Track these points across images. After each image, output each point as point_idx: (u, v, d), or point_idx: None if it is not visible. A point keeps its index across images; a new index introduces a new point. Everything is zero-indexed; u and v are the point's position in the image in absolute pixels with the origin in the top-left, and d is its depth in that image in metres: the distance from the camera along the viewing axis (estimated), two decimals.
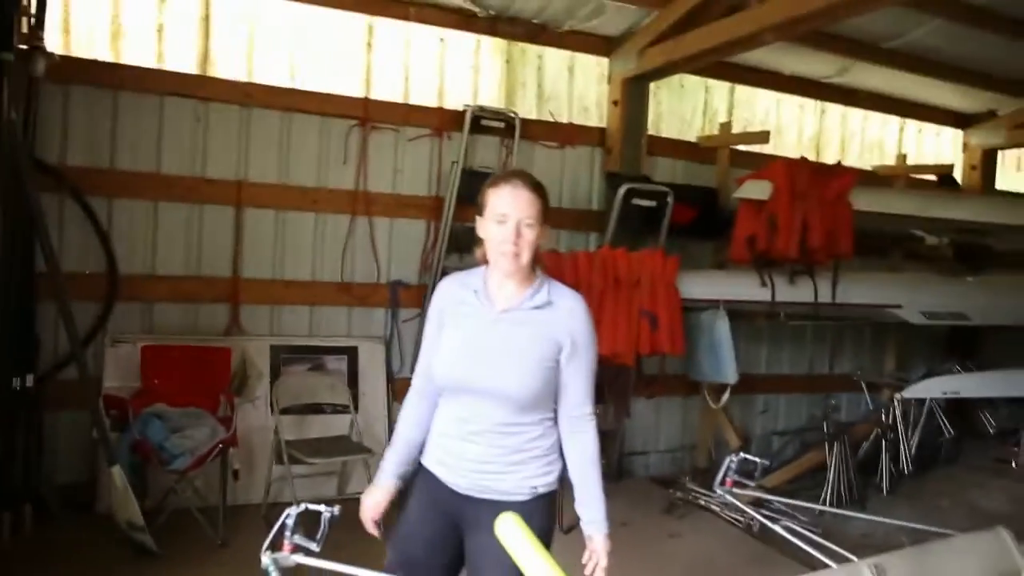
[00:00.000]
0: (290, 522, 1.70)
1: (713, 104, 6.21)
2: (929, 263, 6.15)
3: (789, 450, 5.95)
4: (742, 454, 2.83)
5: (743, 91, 6.30)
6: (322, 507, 1.73)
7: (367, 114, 5.01)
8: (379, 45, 5.13)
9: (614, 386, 5.17)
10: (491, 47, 5.42)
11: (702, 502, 4.91)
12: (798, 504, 4.15)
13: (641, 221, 5.14)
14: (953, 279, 5.82)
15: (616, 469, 5.55)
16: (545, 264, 2.08)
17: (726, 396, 5.08)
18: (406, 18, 5.10)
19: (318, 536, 1.69)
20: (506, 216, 1.94)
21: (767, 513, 3.95)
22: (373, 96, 5.09)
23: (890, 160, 6.93)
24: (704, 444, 5.78)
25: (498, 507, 1.83)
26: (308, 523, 1.81)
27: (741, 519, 4.64)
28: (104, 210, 4.41)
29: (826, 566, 2.32)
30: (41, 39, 3.88)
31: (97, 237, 4.37)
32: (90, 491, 4.25)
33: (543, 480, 2.03)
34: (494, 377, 1.97)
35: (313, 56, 4.95)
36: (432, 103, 5.25)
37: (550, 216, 2.04)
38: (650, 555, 4.22)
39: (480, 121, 5.17)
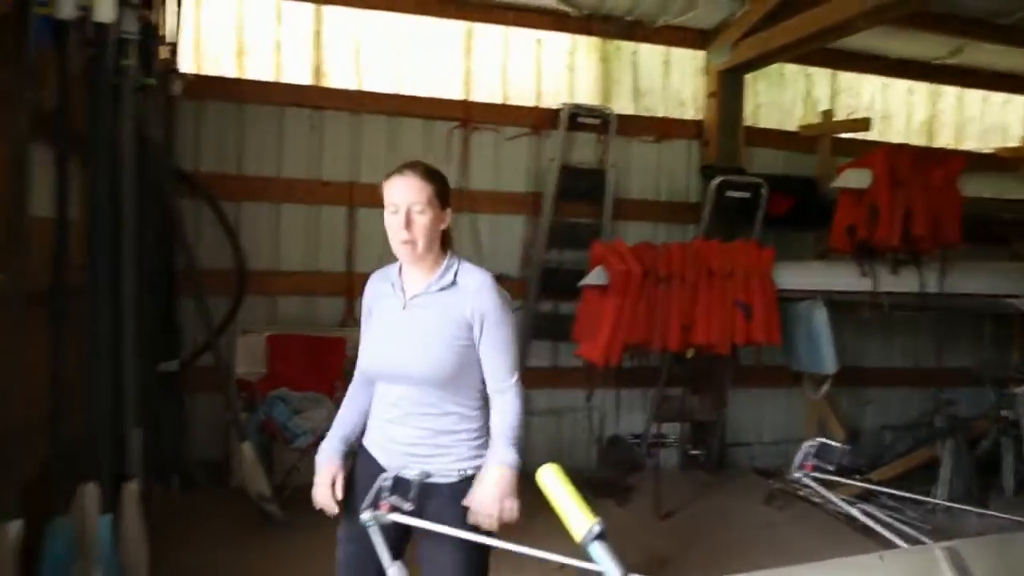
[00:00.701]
0: (387, 485, 1.93)
1: (815, 92, 6.13)
2: None
3: (900, 445, 5.81)
4: (820, 439, 2.85)
5: (847, 78, 6.18)
6: (412, 473, 1.95)
7: (468, 115, 5.28)
8: (478, 49, 5.40)
9: (710, 376, 5.23)
10: (586, 46, 5.58)
11: (802, 493, 4.90)
12: (906, 496, 4.08)
13: (735, 212, 5.16)
14: None
15: (717, 459, 5.60)
16: (454, 246, 2.13)
17: (826, 387, 5.03)
18: (504, 22, 5.35)
19: (410, 497, 1.91)
20: (396, 205, 2.00)
21: (863, 507, 3.94)
22: (473, 98, 5.36)
23: (1015, 142, 6.61)
24: (808, 438, 5.71)
25: (428, 489, 2.01)
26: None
27: (841, 511, 4.60)
28: (233, 212, 4.88)
29: None
30: (177, 63, 4.36)
31: (227, 237, 4.84)
32: (225, 466, 4.70)
33: (472, 464, 2.08)
34: (407, 361, 2.04)
35: (416, 63, 5.28)
36: (530, 103, 5.47)
37: (449, 199, 2.08)
38: (741, 543, 4.29)
39: (576, 118, 5.35)
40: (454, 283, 2.05)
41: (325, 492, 2.11)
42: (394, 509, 1.93)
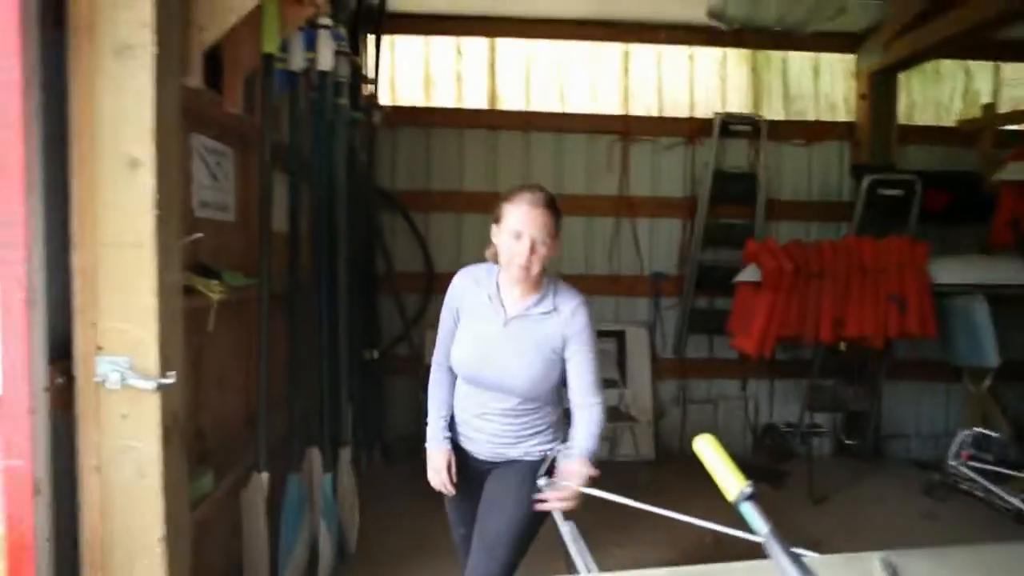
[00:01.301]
0: (555, 455, 2.13)
1: (974, 86, 5.68)
2: None
3: None
4: (977, 429, 2.71)
5: (1012, 69, 5.67)
6: (558, 447, 2.16)
7: (627, 128, 5.38)
8: (635, 67, 5.48)
9: (863, 368, 5.01)
10: (736, 57, 5.52)
11: (964, 486, 4.60)
12: None
13: (888, 210, 4.92)
14: None
15: (871, 449, 5.35)
16: (550, 270, 2.11)
17: (988, 381, 4.68)
18: (657, 41, 5.40)
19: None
20: (521, 233, 1.97)
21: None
22: (631, 112, 5.45)
23: None
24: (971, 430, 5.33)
25: (513, 464, 2.17)
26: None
27: (1012, 505, 4.29)
28: (422, 223, 5.27)
29: None
30: (377, 97, 4.79)
31: (418, 244, 5.25)
32: (417, 441, 5.08)
33: (549, 445, 2.17)
34: (503, 376, 2.06)
35: (579, 83, 5.44)
36: (684, 114, 5.48)
37: (562, 228, 2.06)
38: (898, 530, 4.10)
39: (728, 126, 5.31)
40: (555, 308, 2.07)
41: (444, 477, 2.16)
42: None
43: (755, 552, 1.42)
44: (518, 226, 1.97)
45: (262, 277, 2.75)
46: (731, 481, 1.22)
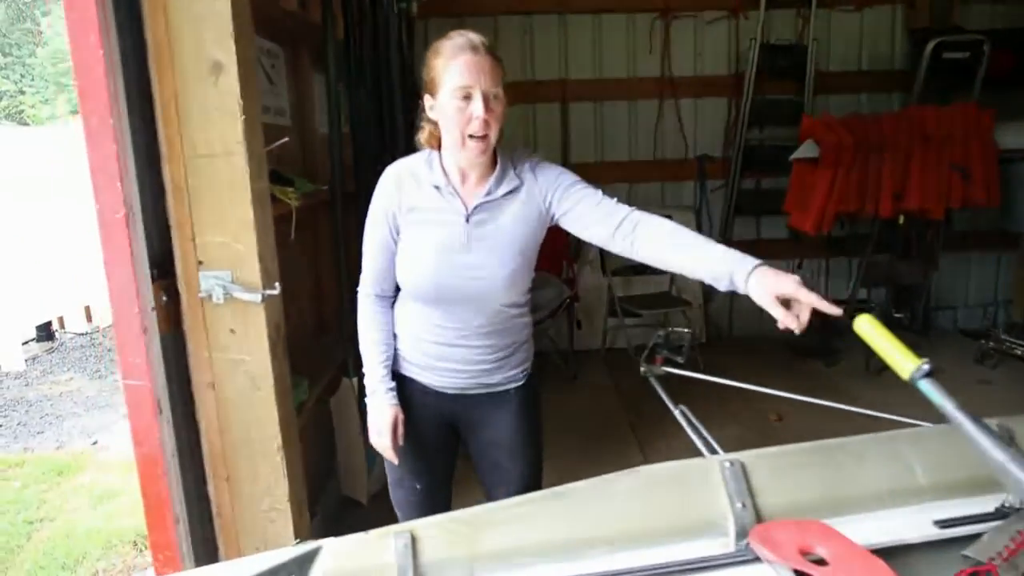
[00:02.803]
0: (660, 341, 2.03)
1: None
2: None
3: None
4: None
5: None
6: (684, 330, 2.03)
7: (667, 4, 5.04)
8: None
9: (920, 241, 4.88)
10: None
11: (1017, 352, 4.57)
12: None
13: (952, 75, 4.62)
14: None
15: (922, 322, 5.29)
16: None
17: None
18: None
19: (683, 351, 2.01)
20: (470, 89, 1.50)
21: None
22: None
23: None
24: (1020, 299, 5.24)
25: (495, 398, 1.73)
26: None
27: None
28: None
29: None
30: None
31: None
32: None
33: (530, 363, 1.81)
34: (477, 285, 1.61)
35: None
36: None
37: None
38: (956, 396, 4.08)
39: None
40: (520, 182, 1.63)
41: (389, 439, 1.69)
42: (667, 362, 2.04)
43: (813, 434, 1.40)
44: (465, 81, 1.50)
45: (334, 180, 2.63)
46: (906, 359, 1.15)
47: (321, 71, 2.98)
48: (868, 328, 1.24)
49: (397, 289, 1.72)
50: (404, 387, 1.73)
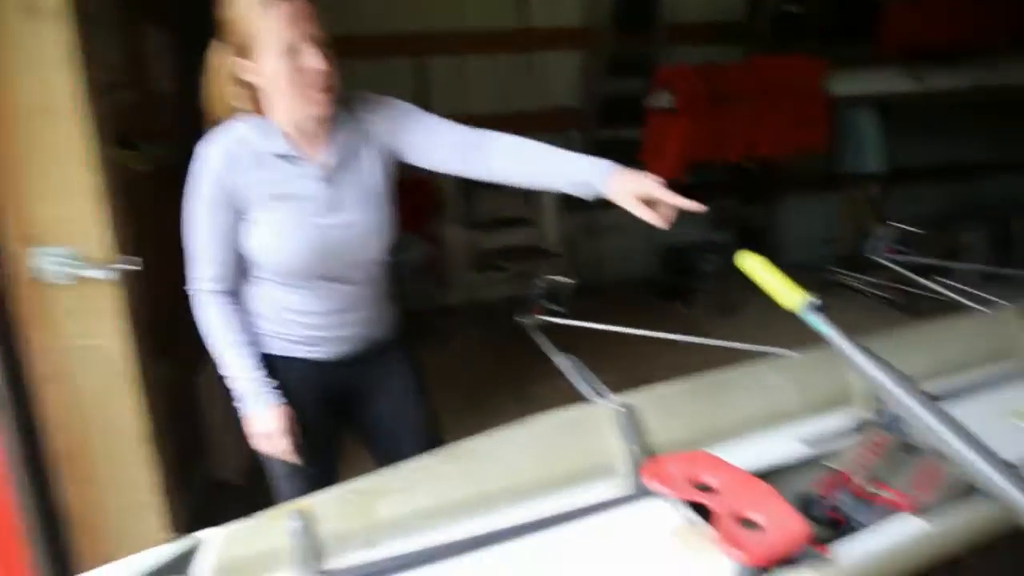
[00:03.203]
0: (539, 292, 2.03)
1: None
2: None
3: (932, 236, 5.82)
4: (898, 224, 2.87)
5: None
6: (564, 279, 2.04)
7: None
8: None
9: (764, 184, 5.23)
10: None
11: (848, 282, 5.05)
12: (949, 265, 4.18)
13: (792, 27, 4.93)
14: None
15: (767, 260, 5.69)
16: None
17: (872, 188, 5.02)
18: None
19: (562, 300, 2.01)
20: (298, 43, 1.35)
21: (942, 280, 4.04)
22: None
23: None
24: (846, 234, 5.76)
25: (384, 358, 1.67)
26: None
27: (886, 295, 4.76)
28: None
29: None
30: None
31: None
32: None
33: (397, 308, 1.75)
34: (354, 241, 1.52)
35: None
36: None
37: None
38: (802, 329, 4.45)
39: None
40: (362, 125, 1.51)
41: (285, 442, 1.54)
42: (546, 312, 2.05)
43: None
44: (289, 37, 1.34)
45: (184, 143, 2.41)
46: (792, 293, 1.22)
47: (160, 24, 2.71)
48: (752, 264, 1.30)
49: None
50: (280, 370, 1.56)
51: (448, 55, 5.05)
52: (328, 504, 1.14)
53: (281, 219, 1.45)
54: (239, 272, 1.53)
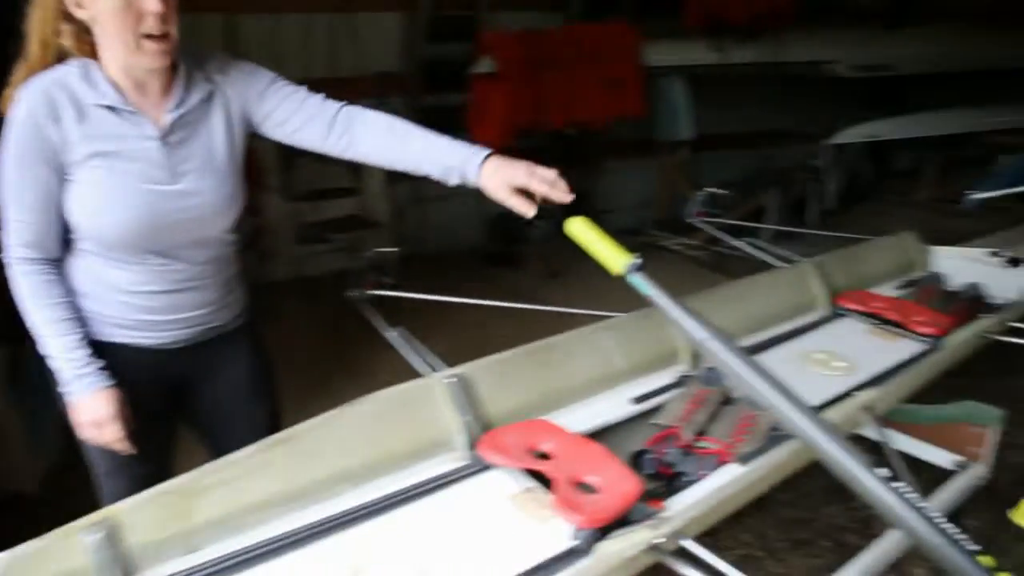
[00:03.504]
0: (367, 264, 1.95)
1: None
2: (863, 20, 6.20)
3: (736, 198, 6.33)
4: (709, 189, 3.07)
5: None
6: (391, 249, 1.98)
7: None
8: None
9: (584, 151, 5.41)
10: None
11: (664, 244, 5.39)
12: (749, 225, 4.61)
13: None
14: (882, 33, 5.91)
15: None
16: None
17: (682, 153, 5.36)
18: None
19: (389, 272, 1.96)
20: None
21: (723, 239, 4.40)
22: None
23: None
24: (662, 198, 6.12)
25: (227, 339, 1.51)
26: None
27: (699, 254, 5.13)
28: None
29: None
30: None
31: None
32: None
33: (247, 296, 1.60)
34: (196, 214, 1.35)
35: None
36: None
37: None
38: (619, 290, 4.70)
39: None
40: (213, 86, 1.35)
41: (118, 429, 1.35)
42: (378, 285, 1.98)
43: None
44: None
45: None
46: (616, 255, 1.25)
47: None
48: (580, 229, 1.31)
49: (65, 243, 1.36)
50: (109, 357, 1.37)
51: (261, 13, 4.71)
52: (139, 510, 1.02)
53: (104, 180, 1.27)
54: (60, 240, 1.33)
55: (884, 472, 1.03)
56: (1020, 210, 6.40)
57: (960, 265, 2.39)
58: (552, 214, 1.52)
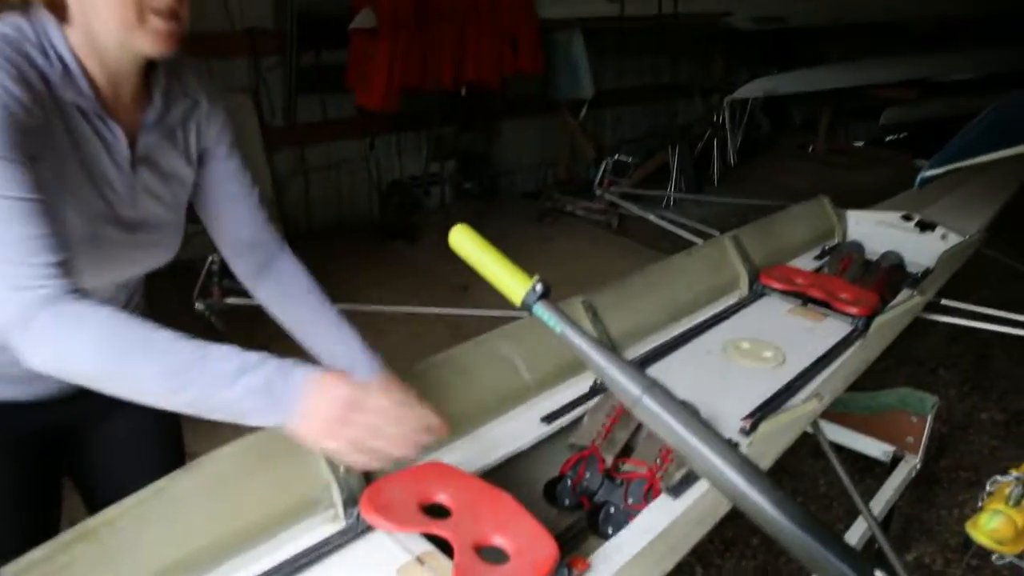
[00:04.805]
0: (215, 268, 1.66)
1: None
2: None
3: (638, 156, 6.26)
4: (617, 156, 2.92)
5: None
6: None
7: None
8: None
9: (481, 111, 5.15)
10: None
11: (568, 208, 5.22)
12: (654, 194, 4.53)
13: None
14: None
15: (489, 189, 5.70)
16: None
17: (584, 112, 5.18)
18: None
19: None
20: None
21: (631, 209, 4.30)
22: None
23: None
24: (563, 158, 5.95)
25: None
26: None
27: (603, 218, 5.00)
28: None
29: (690, 243, 2.60)
30: None
31: None
32: None
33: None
34: (147, 254, 1.11)
35: None
36: None
37: None
38: (528, 256, 4.49)
39: None
40: (194, 104, 1.09)
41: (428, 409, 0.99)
42: (228, 293, 1.70)
43: None
44: None
45: None
46: (513, 281, 1.01)
47: None
48: (465, 243, 1.07)
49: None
50: None
51: None
52: None
53: (54, 199, 0.89)
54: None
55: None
56: (901, 161, 6.72)
57: (874, 231, 2.35)
58: (447, 179, 1.31)
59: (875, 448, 1.61)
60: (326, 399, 0.86)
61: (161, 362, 0.83)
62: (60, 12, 0.89)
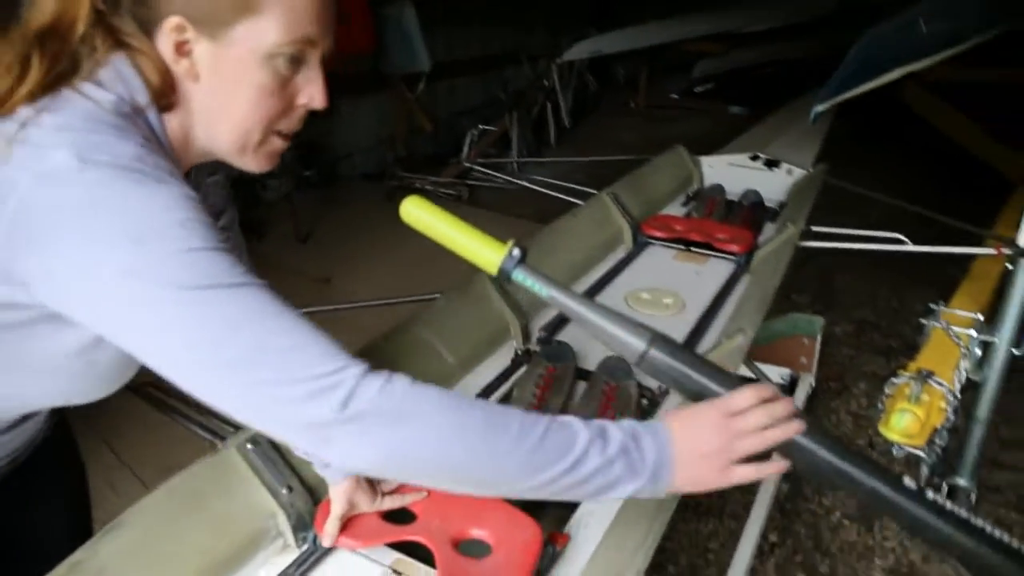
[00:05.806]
0: None
1: None
2: None
3: (478, 126, 6.21)
4: (482, 127, 2.84)
5: None
6: None
7: None
8: None
9: None
10: None
11: (417, 185, 5.11)
12: (500, 162, 4.52)
13: None
14: None
15: (330, 175, 5.45)
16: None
17: (421, 85, 5.05)
18: None
19: None
20: (313, 46, 0.74)
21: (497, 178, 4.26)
22: None
23: None
24: (401, 134, 5.79)
25: (28, 472, 0.94)
26: None
27: (453, 192, 4.94)
28: None
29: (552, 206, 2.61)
30: None
31: None
32: None
33: None
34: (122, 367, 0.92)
35: None
36: None
37: None
38: (387, 245, 4.37)
39: None
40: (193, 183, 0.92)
41: None
42: None
43: None
44: (311, 28, 0.72)
45: None
46: (485, 248, 0.91)
47: None
48: (421, 215, 0.96)
49: None
50: None
51: None
52: None
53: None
54: None
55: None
56: (716, 109, 7.19)
57: (727, 173, 2.46)
58: (286, 169, 1.15)
59: (774, 373, 1.70)
60: (693, 433, 0.73)
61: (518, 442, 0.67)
62: (165, 103, 0.71)
